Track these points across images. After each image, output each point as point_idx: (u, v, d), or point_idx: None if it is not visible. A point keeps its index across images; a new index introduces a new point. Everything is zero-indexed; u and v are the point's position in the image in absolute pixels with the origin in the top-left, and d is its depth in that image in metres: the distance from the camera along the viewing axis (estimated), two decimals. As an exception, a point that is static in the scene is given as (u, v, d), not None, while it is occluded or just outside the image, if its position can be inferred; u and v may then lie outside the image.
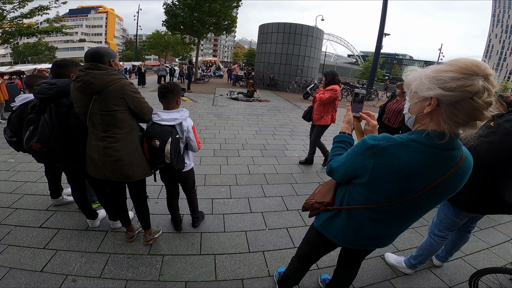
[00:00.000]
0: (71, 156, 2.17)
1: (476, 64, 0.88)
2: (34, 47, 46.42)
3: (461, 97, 0.89)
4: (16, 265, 2.16)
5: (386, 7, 15.57)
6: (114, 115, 1.94)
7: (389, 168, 1.02)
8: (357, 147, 1.13)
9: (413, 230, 3.10)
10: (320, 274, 2.28)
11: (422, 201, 1.10)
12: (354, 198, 1.23)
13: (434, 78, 0.93)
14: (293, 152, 5.64)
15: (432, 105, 0.96)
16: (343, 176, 1.24)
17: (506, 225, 3.44)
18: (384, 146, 1.02)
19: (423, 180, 1.02)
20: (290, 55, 18.97)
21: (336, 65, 53.44)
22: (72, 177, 2.47)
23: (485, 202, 1.89)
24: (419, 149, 0.99)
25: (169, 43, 44.53)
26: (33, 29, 15.42)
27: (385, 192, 1.09)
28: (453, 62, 0.92)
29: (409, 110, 1.10)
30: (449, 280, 2.40)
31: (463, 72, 0.88)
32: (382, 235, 1.31)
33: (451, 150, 1.01)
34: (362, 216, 1.23)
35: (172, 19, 18.56)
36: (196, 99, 11.81)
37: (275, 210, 3.31)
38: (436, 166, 1.00)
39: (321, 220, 1.43)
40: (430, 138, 0.98)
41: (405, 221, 1.24)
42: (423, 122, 1.03)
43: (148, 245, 2.50)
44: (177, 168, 2.26)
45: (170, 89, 2.22)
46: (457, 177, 1.05)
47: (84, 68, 1.90)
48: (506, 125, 1.66)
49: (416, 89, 1.02)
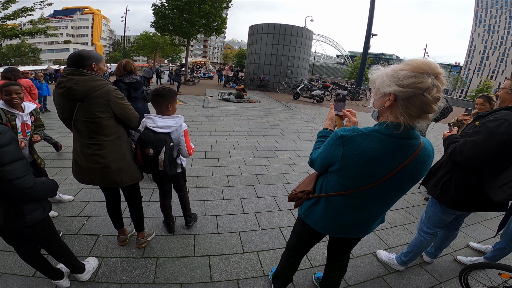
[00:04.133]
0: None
1: (427, 63, 1.01)
2: (18, 48, 45.28)
3: (413, 93, 1.02)
4: (7, 270, 2.12)
5: (373, 7, 15.84)
6: (99, 122, 1.88)
7: (356, 155, 1.14)
8: (330, 138, 1.25)
9: (402, 227, 3.17)
10: (314, 273, 2.32)
11: (389, 187, 1.23)
12: (330, 185, 1.35)
13: (392, 76, 1.06)
14: (284, 152, 5.68)
15: (390, 100, 1.09)
16: (321, 165, 1.35)
17: (492, 220, 3.55)
18: (351, 136, 1.15)
19: (385, 166, 1.15)
20: (280, 56, 19.06)
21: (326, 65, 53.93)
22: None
23: (471, 200, 1.95)
24: (379, 138, 1.12)
25: (158, 44, 44.08)
26: (16, 31, 15.01)
27: (354, 177, 1.21)
28: (408, 62, 1.05)
29: (373, 104, 1.23)
30: (440, 275, 2.47)
31: (415, 71, 1.01)
32: (358, 222, 1.42)
33: (407, 139, 1.13)
34: (338, 203, 1.35)
35: (161, 20, 18.34)
36: (186, 101, 11.74)
37: (268, 210, 3.33)
38: (395, 154, 1.13)
39: (304, 209, 1.55)
40: (389, 128, 1.11)
41: (377, 207, 1.36)
42: (384, 115, 1.17)
43: (141, 248, 2.48)
44: (170, 174, 2.26)
45: (161, 93, 2.18)
46: (417, 164, 1.17)
47: (66, 74, 1.82)
48: (490, 125, 1.71)
49: (378, 86, 1.14)
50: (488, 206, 1.98)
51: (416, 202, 3.87)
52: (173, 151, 2.25)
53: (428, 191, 2.15)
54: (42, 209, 1.67)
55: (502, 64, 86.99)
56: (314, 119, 9.87)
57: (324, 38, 79.81)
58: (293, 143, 6.47)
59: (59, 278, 1.98)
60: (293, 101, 14.71)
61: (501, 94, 1.96)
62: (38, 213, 1.64)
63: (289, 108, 11.96)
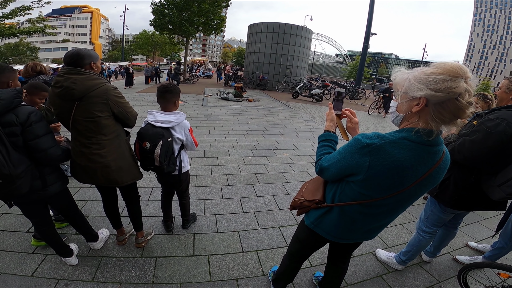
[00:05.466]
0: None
1: (460, 67, 0.96)
2: (16, 47, 45.06)
3: (448, 98, 0.96)
4: (6, 270, 2.11)
5: (373, 7, 15.83)
6: (98, 121, 1.86)
7: (385, 165, 1.06)
8: (351, 146, 1.15)
9: (402, 227, 3.18)
10: (314, 272, 2.32)
11: (412, 193, 1.18)
12: (347, 195, 1.26)
13: (424, 79, 1.00)
14: (284, 151, 5.68)
15: (420, 104, 1.02)
16: (336, 175, 1.26)
17: (490, 220, 3.56)
18: (379, 144, 1.06)
19: (413, 175, 1.09)
20: (279, 55, 19.02)
21: (325, 64, 53.79)
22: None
23: (470, 199, 1.96)
24: (410, 146, 1.06)
25: (157, 43, 44.02)
26: (14, 30, 14.97)
27: (380, 188, 1.14)
28: (440, 65, 0.99)
29: (396, 109, 1.16)
30: (439, 275, 2.47)
31: (450, 74, 0.95)
32: (372, 227, 1.38)
33: (436, 146, 1.09)
34: (354, 211, 1.27)
35: (160, 19, 18.29)
36: (185, 100, 11.70)
37: (267, 209, 3.33)
38: (424, 161, 1.08)
39: (313, 218, 1.46)
40: (420, 135, 1.04)
41: (393, 212, 1.31)
42: (411, 120, 1.10)
43: (140, 247, 2.48)
44: (167, 171, 2.24)
45: (169, 89, 2.19)
46: (440, 170, 1.13)
47: (63, 73, 1.80)
48: (488, 124, 1.72)
49: (405, 89, 1.07)
50: (487, 205, 1.98)
51: (415, 201, 3.86)
52: (172, 147, 2.24)
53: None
54: (61, 182, 2.00)
55: (501, 64, 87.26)
56: (313, 118, 9.87)
57: (324, 37, 79.74)
58: (292, 142, 6.47)
59: (69, 255, 2.21)
60: (292, 100, 14.69)
61: (499, 93, 1.96)
62: (58, 185, 1.96)
63: (288, 107, 11.96)
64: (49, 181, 1.90)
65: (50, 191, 1.91)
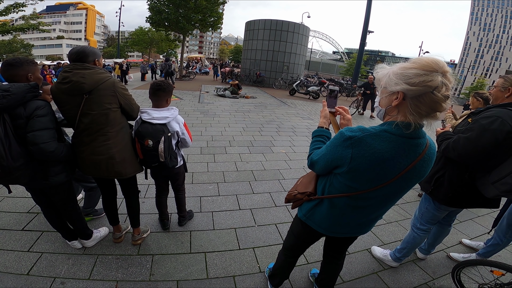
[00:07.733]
0: (37, 173, 1.89)
1: (436, 61, 0.99)
2: (9, 44, 44.50)
3: (423, 91, 1.00)
4: (1, 268, 2.10)
5: (370, 5, 15.82)
6: (107, 113, 1.91)
7: (366, 156, 1.10)
8: (335, 139, 1.20)
9: (397, 224, 3.20)
10: (310, 269, 2.34)
11: (396, 187, 1.20)
12: (335, 187, 1.30)
13: (401, 74, 1.04)
14: (280, 148, 5.69)
15: (398, 98, 1.06)
16: (324, 168, 1.30)
17: (484, 217, 3.60)
18: (360, 137, 1.11)
19: (395, 167, 1.12)
20: (276, 52, 18.97)
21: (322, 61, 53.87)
22: (37, 197, 2.16)
23: (464, 196, 1.97)
24: (390, 139, 1.09)
25: (153, 40, 43.66)
26: (8, 27, 14.79)
27: (363, 179, 1.18)
28: (416, 60, 1.03)
29: (379, 103, 1.20)
30: (433, 272, 2.50)
31: (424, 69, 0.99)
32: (362, 221, 1.40)
33: (417, 138, 1.11)
34: (343, 204, 1.31)
35: (156, 15, 18.13)
36: (181, 96, 11.65)
37: (264, 206, 3.34)
38: (405, 154, 1.11)
39: (305, 210, 1.50)
40: (399, 128, 1.08)
41: (382, 206, 1.33)
42: (391, 114, 1.14)
43: (137, 244, 2.48)
44: (171, 165, 2.27)
45: (162, 87, 2.20)
46: (424, 163, 1.16)
47: (69, 69, 1.84)
48: (482, 122, 1.73)
49: (385, 84, 1.11)
50: (481, 203, 2.00)
51: (409, 199, 3.90)
52: (172, 142, 2.26)
53: (421, 187, 2.17)
54: (65, 174, 2.02)
55: (497, 62, 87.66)
56: (310, 115, 9.88)
57: (321, 34, 79.75)
58: (289, 139, 6.48)
59: (74, 238, 2.36)
60: (289, 97, 14.68)
61: (494, 92, 1.97)
62: (61, 177, 1.99)
63: (285, 104, 11.95)
64: (53, 172, 1.93)
65: (52, 181, 1.94)
